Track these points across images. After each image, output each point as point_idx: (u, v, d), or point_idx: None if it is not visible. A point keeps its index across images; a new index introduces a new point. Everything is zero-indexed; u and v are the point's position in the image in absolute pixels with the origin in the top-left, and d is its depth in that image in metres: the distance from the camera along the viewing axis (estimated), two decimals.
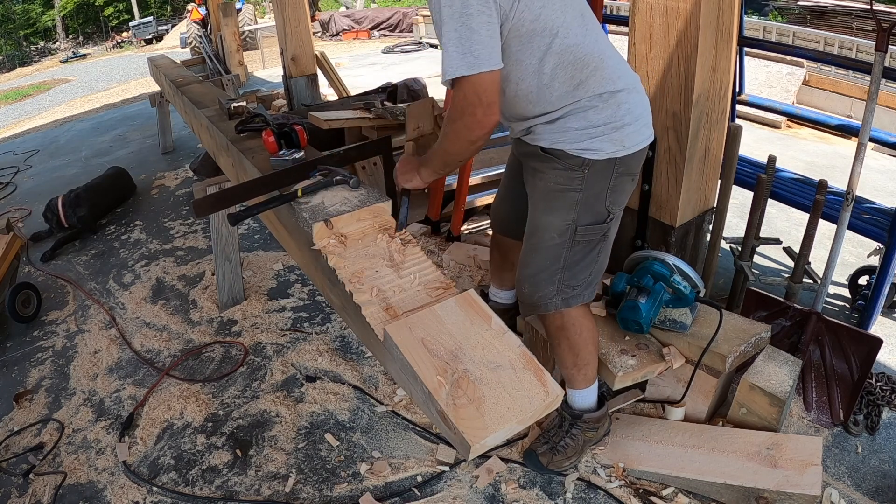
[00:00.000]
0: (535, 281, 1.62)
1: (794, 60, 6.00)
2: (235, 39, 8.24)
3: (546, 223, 1.57)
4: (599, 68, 1.44)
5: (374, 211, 1.67)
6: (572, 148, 1.48)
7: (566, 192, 1.53)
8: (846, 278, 2.66)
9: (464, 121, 1.36)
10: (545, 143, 1.53)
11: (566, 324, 1.66)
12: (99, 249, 3.71)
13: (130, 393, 2.41)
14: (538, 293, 1.62)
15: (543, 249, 1.59)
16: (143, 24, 21.48)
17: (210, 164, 3.51)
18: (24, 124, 9.32)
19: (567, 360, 1.72)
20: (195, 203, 1.83)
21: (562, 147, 1.49)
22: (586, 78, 1.43)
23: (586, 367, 1.72)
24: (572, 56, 1.41)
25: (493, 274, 2.26)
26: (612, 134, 1.46)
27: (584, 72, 1.43)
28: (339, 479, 1.93)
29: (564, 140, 1.48)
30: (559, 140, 1.49)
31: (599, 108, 1.45)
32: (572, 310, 1.64)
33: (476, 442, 1.08)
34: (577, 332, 1.66)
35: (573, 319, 1.65)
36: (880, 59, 1.89)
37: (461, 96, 1.34)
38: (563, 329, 1.67)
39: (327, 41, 13.38)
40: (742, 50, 2.95)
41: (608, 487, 1.80)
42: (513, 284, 2.25)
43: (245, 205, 1.87)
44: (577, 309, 1.65)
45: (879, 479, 1.79)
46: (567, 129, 1.47)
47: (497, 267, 2.21)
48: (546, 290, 1.61)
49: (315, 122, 3.28)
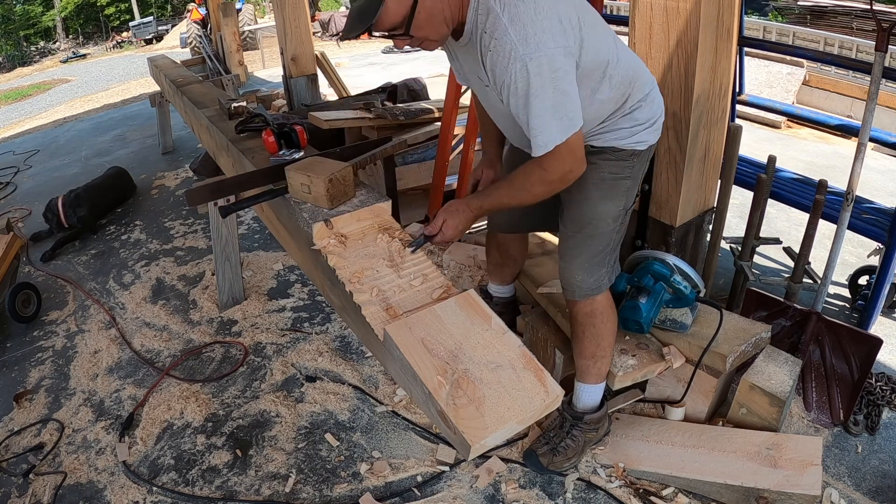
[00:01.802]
0: (590, 266, 1.67)
1: (794, 60, 6.00)
2: (235, 39, 8.24)
3: (602, 211, 1.62)
4: (637, 78, 1.53)
5: (374, 211, 1.67)
6: (624, 143, 1.58)
7: (619, 180, 1.61)
8: (846, 278, 2.66)
9: (561, 181, 1.42)
10: (596, 143, 1.59)
11: (595, 310, 1.71)
12: (99, 249, 3.71)
13: (130, 393, 2.41)
14: (593, 277, 1.68)
15: (599, 236, 1.65)
16: (144, 24, 21.47)
17: (210, 164, 3.51)
18: (24, 124, 9.32)
19: (588, 350, 1.75)
20: (189, 192, 1.86)
21: (613, 144, 1.58)
22: (632, 91, 1.53)
23: (603, 359, 1.76)
24: (620, 78, 1.48)
25: (492, 272, 2.27)
26: (652, 127, 1.60)
27: (630, 87, 1.52)
28: (339, 479, 1.93)
29: (616, 138, 1.57)
30: (611, 139, 1.57)
31: (642, 108, 1.57)
32: (601, 297, 1.70)
33: (476, 442, 1.08)
34: (603, 319, 1.72)
35: (601, 306, 1.71)
36: (880, 59, 1.89)
37: (558, 162, 1.37)
38: (591, 315, 1.71)
39: (327, 41, 13.39)
40: (742, 50, 2.95)
41: (608, 487, 1.80)
42: (513, 278, 2.28)
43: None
44: (604, 296, 1.72)
45: (879, 479, 1.79)
46: (619, 130, 1.57)
47: (497, 265, 2.23)
48: (599, 272, 1.68)
49: (315, 122, 3.28)
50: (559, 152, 1.35)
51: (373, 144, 2.25)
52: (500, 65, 1.30)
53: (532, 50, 1.25)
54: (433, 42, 1.39)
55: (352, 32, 1.28)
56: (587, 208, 1.63)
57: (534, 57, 1.25)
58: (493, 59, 1.31)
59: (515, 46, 1.26)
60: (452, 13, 1.35)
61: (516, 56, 1.26)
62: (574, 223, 1.66)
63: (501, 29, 1.27)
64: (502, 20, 1.27)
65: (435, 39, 1.37)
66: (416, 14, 1.29)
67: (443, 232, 1.51)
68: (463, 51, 1.47)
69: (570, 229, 1.68)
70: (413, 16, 1.29)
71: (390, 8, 1.26)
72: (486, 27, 1.31)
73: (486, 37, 1.31)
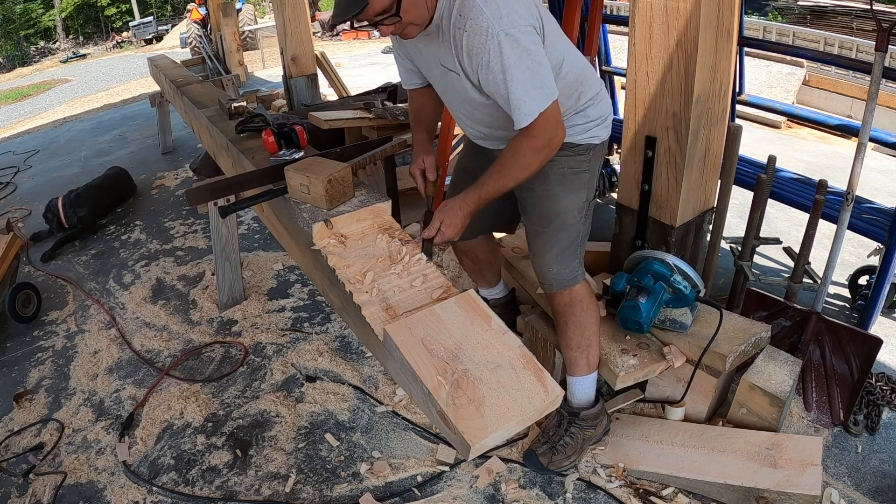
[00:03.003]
0: (562, 259, 1.73)
1: (794, 60, 6.00)
2: (235, 39, 8.24)
3: (567, 205, 1.69)
4: (587, 77, 1.63)
5: (374, 211, 1.67)
6: (579, 139, 1.66)
7: (578, 173, 1.69)
8: (846, 278, 2.65)
9: (549, 146, 1.45)
10: None
11: (574, 299, 1.76)
12: (99, 249, 3.71)
13: (130, 393, 2.41)
14: (567, 268, 1.74)
15: (567, 228, 1.71)
16: (144, 24, 21.45)
17: (210, 164, 3.51)
18: (24, 124, 9.32)
19: (573, 339, 1.77)
20: (189, 192, 1.87)
21: (570, 140, 1.63)
22: (583, 90, 1.62)
23: (589, 348, 1.78)
24: (573, 76, 1.57)
25: (474, 279, 2.31)
26: (604, 123, 1.71)
27: (582, 85, 1.61)
28: (339, 479, 1.93)
29: (571, 134, 1.63)
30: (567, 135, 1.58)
31: (594, 106, 1.67)
32: (578, 286, 1.76)
33: (476, 442, 1.08)
34: (583, 307, 1.76)
35: (580, 294, 1.76)
36: (880, 59, 1.89)
37: (543, 128, 1.41)
38: (571, 305, 1.76)
39: (327, 41, 13.38)
40: (742, 50, 2.95)
41: (608, 487, 1.80)
42: (496, 279, 2.29)
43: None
44: (581, 286, 1.77)
45: (879, 479, 1.79)
46: (573, 126, 1.64)
47: (474, 271, 2.26)
48: (572, 263, 1.75)
49: (315, 122, 3.28)
50: (543, 119, 1.39)
51: (373, 144, 2.25)
52: (478, 42, 1.34)
53: (507, 25, 1.31)
54: (416, 27, 1.42)
55: (344, 16, 1.31)
56: (552, 204, 1.70)
57: (509, 31, 1.31)
58: (470, 39, 1.35)
59: (491, 23, 1.31)
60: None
61: (493, 32, 1.31)
62: (541, 219, 1.72)
63: (476, 10, 1.33)
64: (476, 2, 1.33)
65: (418, 24, 1.41)
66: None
67: (442, 232, 1.50)
68: (425, 40, 1.50)
69: (539, 226, 1.73)
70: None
71: None
72: (460, 10, 1.36)
73: (460, 19, 1.36)
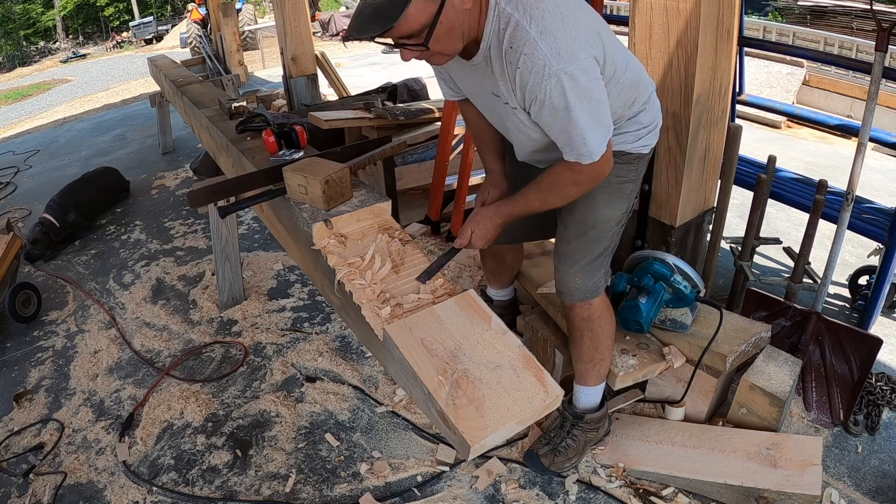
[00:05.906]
0: (590, 269, 1.66)
1: (794, 60, 6.00)
2: (235, 39, 8.23)
3: (606, 215, 1.62)
4: (641, 81, 1.52)
5: (374, 211, 1.67)
6: (630, 147, 1.57)
7: (623, 183, 1.61)
8: (846, 278, 2.66)
9: (593, 180, 1.42)
10: None
11: (592, 314, 1.69)
12: (99, 249, 3.71)
13: (130, 393, 2.41)
14: (592, 280, 1.67)
15: (602, 239, 1.65)
16: (143, 24, 21.45)
17: (210, 164, 3.51)
18: (24, 124, 9.32)
19: (587, 353, 1.74)
20: (190, 194, 1.86)
21: (621, 148, 1.56)
22: (638, 94, 1.52)
23: (602, 362, 1.75)
24: (628, 82, 1.46)
25: (490, 279, 2.29)
26: (655, 130, 1.61)
27: (636, 90, 1.51)
28: (339, 479, 1.93)
29: (623, 142, 1.56)
30: (618, 143, 1.54)
31: (647, 111, 1.57)
32: (597, 300, 1.69)
33: (476, 442, 1.08)
34: (600, 323, 1.70)
35: (598, 310, 1.70)
36: (880, 59, 1.89)
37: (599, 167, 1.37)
38: (589, 320, 1.70)
39: (327, 41, 13.38)
40: (742, 50, 2.95)
41: (608, 487, 1.80)
42: (510, 282, 2.28)
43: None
44: (601, 299, 1.70)
45: (879, 479, 1.79)
46: (625, 134, 1.55)
47: (493, 272, 2.24)
48: (598, 275, 1.68)
49: (315, 122, 3.28)
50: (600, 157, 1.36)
51: (373, 144, 2.25)
52: (534, 81, 1.24)
53: (566, 63, 1.21)
54: (445, 57, 1.31)
55: (364, 34, 1.18)
56: (592, 212, 1.61)
57: (568, 70, 1.21)
58: (524, 77, 1.25)
59: (549, 61, 1.20)
60: (470, 28, 1.27)
61: (550, 72, 1.21)
62: (577, 227, 1.64)
63: (531, 44, 1.21)
64: (530, 34, 1.21)
65: (448, 54, 1.30)
66: (437, 24, 1.20)
67: (472, 243, 1.52)
68: (472, 69, 1.40)
69: (573, 233, 1.65)
70: (435, 26, 1.20)
71: (411, 14, 1.16)
72: (511, 43, 1.25)
73: (511, 52, 1.25)
